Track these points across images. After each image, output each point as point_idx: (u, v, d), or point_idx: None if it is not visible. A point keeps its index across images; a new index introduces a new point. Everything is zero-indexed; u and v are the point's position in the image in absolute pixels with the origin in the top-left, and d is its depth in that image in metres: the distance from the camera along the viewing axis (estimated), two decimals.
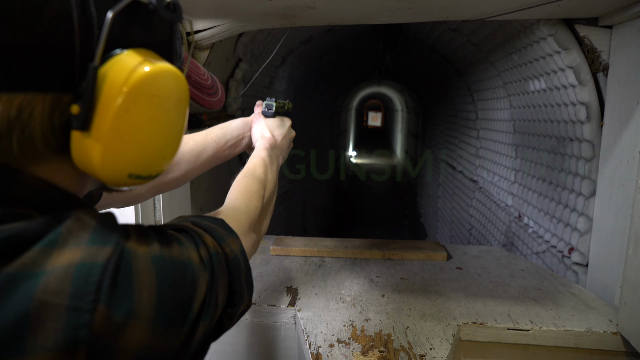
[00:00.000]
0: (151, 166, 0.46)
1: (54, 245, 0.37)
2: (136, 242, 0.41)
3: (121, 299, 0.38)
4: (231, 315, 0.52)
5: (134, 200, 0.86)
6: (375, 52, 4.90)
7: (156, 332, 0.40)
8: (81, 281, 0.36)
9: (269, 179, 0.81)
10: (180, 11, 0.46)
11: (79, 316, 0.35)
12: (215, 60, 1.86)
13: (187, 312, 0.43)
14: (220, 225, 0.55)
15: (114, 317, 0.37)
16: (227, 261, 0.51)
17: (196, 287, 0.44)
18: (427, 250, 1.68)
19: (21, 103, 0.38)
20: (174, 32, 0.48)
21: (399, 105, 11.32)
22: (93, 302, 0.36)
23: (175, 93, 0.45)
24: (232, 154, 0.99)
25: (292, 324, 1.26)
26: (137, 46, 0.43)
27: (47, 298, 0.35)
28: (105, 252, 0.38)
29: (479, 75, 2.87)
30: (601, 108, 1.47)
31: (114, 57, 0.41)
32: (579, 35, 1.45)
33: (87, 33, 0.40)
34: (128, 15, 0.42)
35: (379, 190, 9.39)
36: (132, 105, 0.41)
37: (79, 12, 0.39)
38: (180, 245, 0.45)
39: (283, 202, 3.65)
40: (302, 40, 3.09)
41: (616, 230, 1.34)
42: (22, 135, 0.39)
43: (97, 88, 0.40)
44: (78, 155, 0.41)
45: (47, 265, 0.36)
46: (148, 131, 0.43)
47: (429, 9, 1.34)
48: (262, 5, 1.26)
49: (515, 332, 1.16)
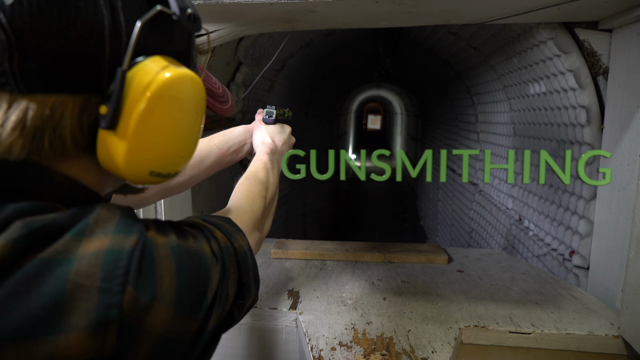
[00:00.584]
0: (171, 165, 0.49)
1: (82, 234, 0.40)
2: (155, 232, 0.45)
3: (146, 283, 0.41)
4: (240, 307, 0.54)
5: (140, 204, 0.88)
6: (375, 55, 4.91)
7: (177, 315, 0.42)
8: (111, 265, 0.39)
9: (271, 181, 0.84)
10: (200, 22, 0.49)
11: (110, 297, 0.38)
12: (216, 64, 1.87)
13: (202, 299, 0.46)
14: (228, 222, 0.58)
15: (141, 299, 0.40)
16: (237, 255, 0.54)
17: (210, 278, 0.47)
18: (428, 253, 1.68)
19: (54, 103, 0.41)
20: (191, 42, 0.52)
21: (399, 108, 11.33)
22: (122, 284, 0.39)
23: (194, 97, 0.48)
24: (234, 159, 1.02)
25: (294, 327, 1.26)
26: (159, 53, 0.46)
27: (80, 280, 0.38)
28: (130, 240, 0.42)
29: (478, 78, 2.88)
30: (601, 111, 1.47)
31: (139, 63, 0.44)
32: (579, 38, 1.46)
33: (116, 41, 0.43)
34: (153, 25, 0.45)
35: (379, 193, 9.40)
36: (155, 107, 0.44)
37: (110, 21, 0.42)
38: (194, 239, 0.49)
39: (283, 206, 3.65)
40: (302, 44, 3.10)
41: (617, 233, 1.34)
42: (53, 133, 0.42)
43: (124, 90, 0.43)
44: (103, 154, 0.45)
45: (78, 252, 0.39)
46: (169, 131, 0.47)
47: (430, 12, 1.34)
48: (263, 9, 1.27)
49: (517, 335, 1.16)
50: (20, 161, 0.42)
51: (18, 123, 0.41)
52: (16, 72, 0.40)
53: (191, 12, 0.47)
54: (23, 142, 0.41)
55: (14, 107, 0.40)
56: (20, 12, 0.38)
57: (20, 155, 0.41)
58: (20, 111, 0.40)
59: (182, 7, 0.47)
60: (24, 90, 0.40)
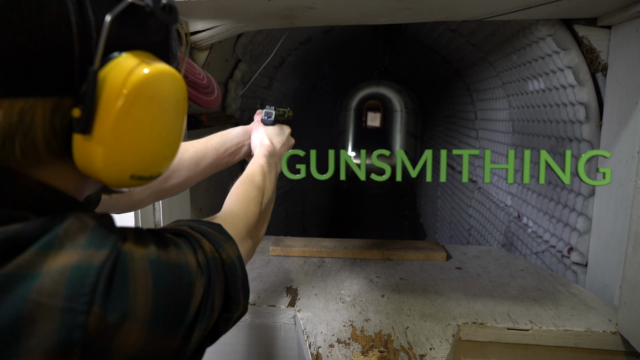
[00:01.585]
0: (152, 167, 0.46)
1: (50, 247, 0.37)
2: (133, 244, 0.42)
3: (116, 300, 0.38)
4: (227, 320, 0.52)
5: (133, 206, 0.86)
6: (374, 52, 4.91)
7: (152, 334, 0.40)
8: (76, 283, 0.36)
9: (267, 185, 0.82)
10: (177, 12, 0.46)
11: (74, 317, 0.36)
12: (215, 61, 1.86)
13: (183, 315, 0.43)
14: (217, 230, 0.55)
15: (109, 318, 0.37)
16: (224, 266, 0.51)
17: (193, 291, 0.45)
18: (426, 250, 1.68)
19: (22, 108, 0.38)
20: (169, 33, 0.49)
21: (398, 105, 11.32)
22: (87, 303, 0.36)
23: (174, 94, 0.45)
24: (232, 161, 1.00)
25: (292, 324, 1.26)
26: (134, 48, 0.43)
27: (41, 300, 0.35)
28: (101, 254, 0.39)
29: (478, 75, 2.87)
30: (600, 108, 1.47)
31: (112, 60, 0.41)
32: (578, 35, 1.46)
33: (85, 37, 0.40)
34: (125, 18, 0.42)
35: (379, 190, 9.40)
36: (132, 107, 0.41)
37: (77, 16, 0.39)
38: (178, 249, 0.46)
39: (282, 203, 3.64)
40: (301, 41, 3.09)
41: (615, 230, 1.34)
42: (24, 140, 0.39)
43: (97, 91, 0.40)
44: (80, 158, 0.42)
45: (43, 268, 0.36)
46: (149, 132, 0.44)
47: (428, 9, 1.34)
48: (261, 5, 1.26)
49: (515, 332, 1.16)
50: None
51: None
52: None
53: (166, 2, 0.44)
54: None
55: None
56: None
57: None
58: None
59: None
60: None
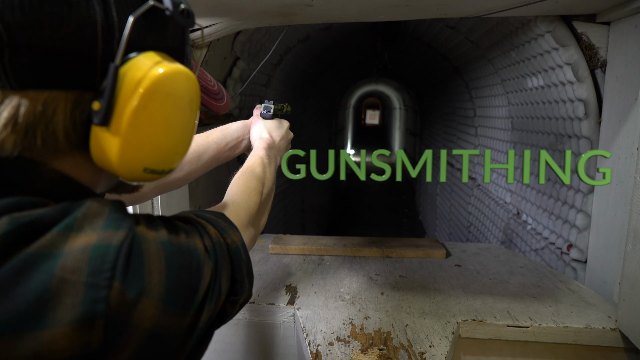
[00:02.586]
0: (165, 161, 0.49)
1: (70, 229, 0.40)
2: (145, 227, 0.44)
3: (134, 277, 0.40)
4: (233, 303, 0.54)
5: (137, 199, 0.88)
6: (373, 49, 4.89)
7: (166, 311, 0.42)
8: (98, 261, 0.39)
9: (267, 176, 0.84)
10: (193, 17, 0.49)
11: (97, 292, 0.38)
12: (213, 58, 1.86)
13: (194, 295, 0.45)
14: (221, 218, 0.58)
15: (128, 293, 0.39)
16: (229, 251, 0.53)
17: (202, 273, 0.47)
18: (426, 247, 1.68)
19: (46, 100, 0.41)
20: (185, 38, 0.52)
21: (397, 103, 11.31)
22: (109, 279, 0.39)
23: (188, 93, 0.48)
24: (232, 155, 1.02)
25: (292, 322, 1.26)
26: (152, 49, 0.46)
27: (66, 275, 0.37)
28: (119, 235, 0.41)
29: (476, 72, 2.87)
30: (599, 105, 1.47)
31: (132, 59, 0.44)
32: (577, 31, 1.45)
33: (109, 36, 0.43)
34: (146, 20, 0.45)
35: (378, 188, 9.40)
36: (149, 103, 0.44)
37: (102, 17, 0.42)
38: (186, 234, 0.48)
39: (282, 201, 3.64)
40: (299, 39, 3.09)
41: (615, 226, 1.34)
42: (45, 130, 0.42)
43: (117, 86, 0.43)
44: (97, 151, 0.44)
45: (65, 247, 0.39)
46: (163, 127, 0.46)
47: (427, 6, 1.33)
48: (259, 3, 1.26)
49: (515, 329, 1.16)
50: (13, 158, 0.42)
51: (10, 119, 0.40)
52: (7, 68, 0.39)
53: (184, 7, 0.47)
54: (15, 138, 0.41)
55: (6, 104, 0.40)
56: (10, 7, 0.38)
57: (13, 152, 0.41)
58: (12, 107, 0.40)
59: (175, 3, 0.46)
60: (16, 86, 0.40)
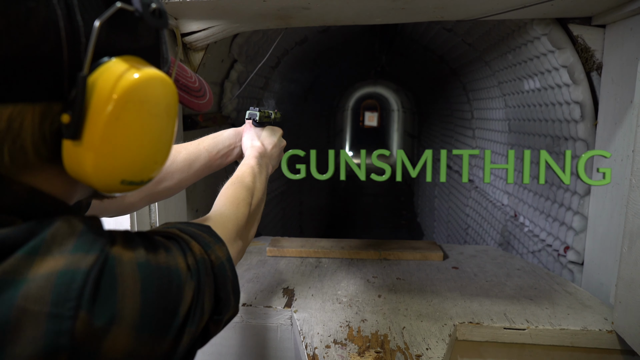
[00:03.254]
0: (143, 172, 0.46)
1: (36, 252, 0.37)
2: (122, 248, 0.42)
3: (103, 305, 0.37)
4: (217, 322, 0.52)
5: (126, 209, 0.86)
6: (370, 52, 4.90)
7: (140, 338, 0.40)
8: (62, 288, 0.36)
9: (257, 187, 0.82)
10: (166, 17, 0.46)
11: (60, 323, 0.35)
12: (210, 61, 1.86)
13: (172, 318, 0.43)
14: (206, 232, 0.55)
15: (96, 322, 0.37)
16: (213, 268, 0.51)
17: (182, 294, 0.44)
18: (423, 250, 1.68)
19: (11, 114, 0.38)
20: (159, 38, 0.49)
21: (395, 105, 11.33)
22: (74, 308, 0.36)
23: (164, 99, 0.45)
24: (224, 163, 1.00)
25: (289, 325, 1.26)
26: (124, 53, 0.43)
27: (27, 306, 0.34)
28: (88, 259, 0.38)
29: (474, 74, 2.88)
30: (595, 107, 1.47)
31: (102, 65, 0.41)
32: (573, 34, 1.46)
33: (74, 42, 0.40)
34: (114, 23, 0.42)
35: (376, 190, 9.40)
36: (122, 113, 0.41)
37: (66, 22, 0.39)
38: (167, 252, 0.45)
39: (280, 203, 3.64)
40: (297, 41, 3.09)
41: (611, 228, 1.35)
42: (13, 146, 0.39)
43: (86, 97, 0.40)
44: (70, 164, 0.42)
45: (29, 273, 0.36)
46: (139, 137, 0.43)
47: (424, 9, 1.34)
48: (256, 6, 1.26)
49: (512, 332, 1.16)
50: None
51: None
52: None
53: (155, 6, 0.44)
54: None
55: None
56: None
57: None
58: None
59: (144, 3, 0.43)
60: None
